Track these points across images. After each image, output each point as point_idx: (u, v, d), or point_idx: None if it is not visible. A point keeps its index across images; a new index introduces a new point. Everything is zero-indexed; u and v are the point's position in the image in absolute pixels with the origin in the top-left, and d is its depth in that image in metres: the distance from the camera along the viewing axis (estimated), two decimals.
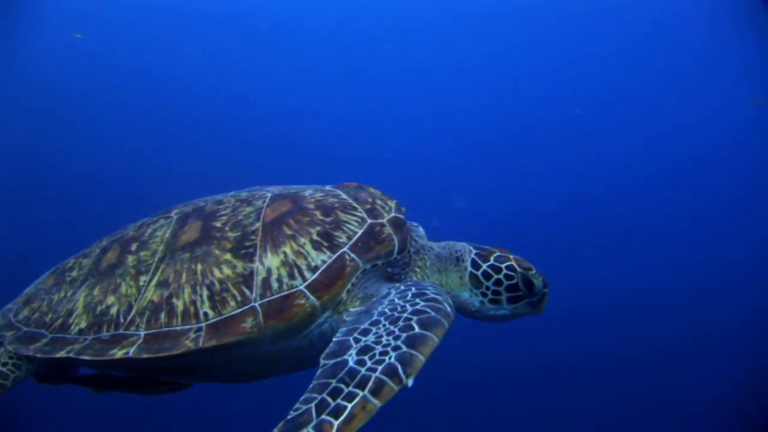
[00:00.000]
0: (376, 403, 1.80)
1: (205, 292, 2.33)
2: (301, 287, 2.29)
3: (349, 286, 2.37)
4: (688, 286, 11.26)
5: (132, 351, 2.26)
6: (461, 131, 15.16)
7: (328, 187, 2.83)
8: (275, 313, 2.24)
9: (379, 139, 15.09)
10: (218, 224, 2.56)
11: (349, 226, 2.49)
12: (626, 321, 10.60)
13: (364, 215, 2.55)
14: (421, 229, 3.15)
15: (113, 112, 13.21)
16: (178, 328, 2.29)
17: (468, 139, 15.09)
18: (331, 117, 15.13)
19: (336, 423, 1.74)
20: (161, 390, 2.67)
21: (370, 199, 2.67)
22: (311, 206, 2.56)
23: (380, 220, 2.56)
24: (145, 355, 2.22)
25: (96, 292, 2.58)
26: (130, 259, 2.61)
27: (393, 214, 2.63)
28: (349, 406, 1.78)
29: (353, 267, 2.37)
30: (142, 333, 2.32)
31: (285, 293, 2.28)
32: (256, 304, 2.26)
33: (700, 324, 10.39)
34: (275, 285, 2.30)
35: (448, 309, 2.22)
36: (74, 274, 2.82)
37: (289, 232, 2.43)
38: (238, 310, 2.26)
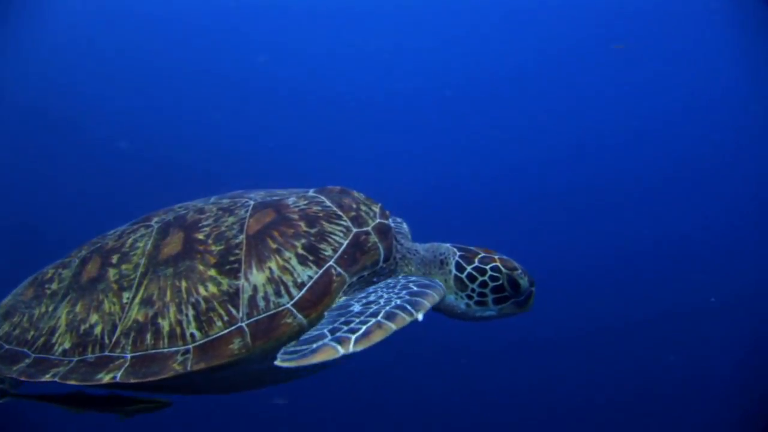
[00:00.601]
0: (391, 325, 1.92)
1: (191, 312, 2.29)
2: (288, 305, 2.27)
3: (336, 301, 2.36)
4: (683, 267, 11.25)
5: (119, 375, 2.22)
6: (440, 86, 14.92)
7: (311, 193, 2.77)
8: (262, 333, 2.22)
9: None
10: (201, 236, 2.50)
11: (334, 237, 2.46)
12: (613, 304, 10.63)
13: (349, 224, 2.53)
14: (404, 226, 3.14)
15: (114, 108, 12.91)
16: (165, 350, 2.25)
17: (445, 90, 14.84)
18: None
19: (353, 336, 1.85)
20: (141, 409, 2.65)
21: (354, 206, 2.64)
22: (295, 216, 2.52)
23: (365, 229, 2.54)
24: (132, 380, 2.20)
25: (78, 308, 2.52)
26: (112, 273, 2.54)
27: (378, 221, 2.62)
28: (364, 327, 1.90)
29: (340, 282, 2.35)
30: (129, 356, 2.28)
31: (272, 312, 2.25)
32: (243, 324, 2.23)
33: (697, 306, 10.23)
34: (262, 303, 2.27)
35: (439, 283, 2.49)
36: (54, 286, 2.74)
37: (274, 246, 2.39)
38: (225, 331, 2.23)
